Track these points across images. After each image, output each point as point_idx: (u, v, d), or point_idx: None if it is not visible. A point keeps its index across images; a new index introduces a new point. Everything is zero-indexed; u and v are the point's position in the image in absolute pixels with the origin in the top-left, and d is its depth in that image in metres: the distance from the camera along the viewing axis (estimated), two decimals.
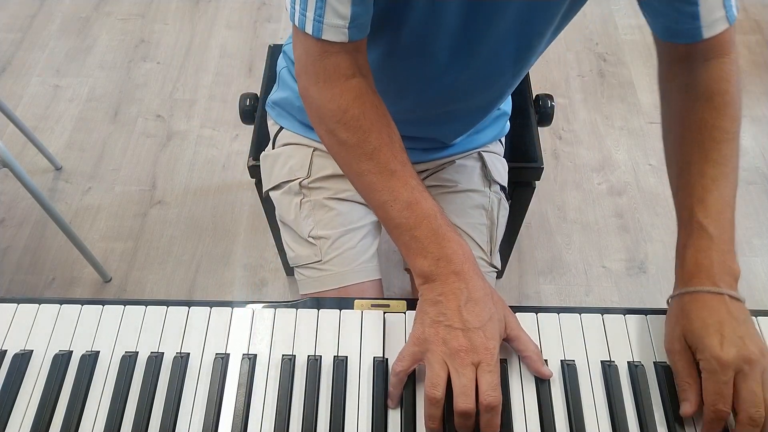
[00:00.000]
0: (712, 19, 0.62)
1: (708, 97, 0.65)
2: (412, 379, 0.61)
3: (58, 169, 1.78)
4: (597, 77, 2.02)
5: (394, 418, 0.59)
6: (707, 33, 0.63)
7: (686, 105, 0.67)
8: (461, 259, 0.60)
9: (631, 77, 2.02)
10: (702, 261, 0.61)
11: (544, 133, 1.85)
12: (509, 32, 0.68)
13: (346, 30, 0.60)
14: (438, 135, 0.89)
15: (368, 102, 0.64)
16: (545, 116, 1.16)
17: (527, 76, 1.22)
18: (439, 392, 0.56)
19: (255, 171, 1.07)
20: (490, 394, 0.55)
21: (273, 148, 0.97)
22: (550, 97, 1.16)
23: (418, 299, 0.63)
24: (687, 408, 0.58)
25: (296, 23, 0.61)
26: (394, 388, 0.59)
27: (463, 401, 0.55)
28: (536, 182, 1.13)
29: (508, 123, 1.00)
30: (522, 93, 1.17)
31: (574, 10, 0.70)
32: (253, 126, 1.15)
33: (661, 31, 0.67)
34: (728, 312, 0.58)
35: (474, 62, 0.72)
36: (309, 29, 0.60)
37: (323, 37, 0.60)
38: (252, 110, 1.15)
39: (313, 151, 0.91)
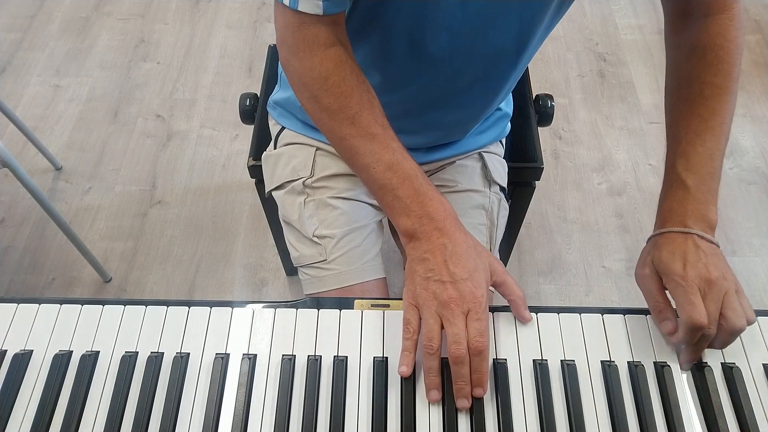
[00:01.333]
0: None
1: (701, 52, 0.66)
2: (412, 379, 0.61)
3: (58, 169, 1.78)
4: (597, 77, 2.02)
5: (394, 418, 0.59)
6: None
7: (680, 60, 0.68)
8: (443, 216, 0.63)
9: (631, 77, 2.02)
10: (676, 209, 0.64)
11: (544, 133, 1.85)
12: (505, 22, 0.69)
13: (320, 3, 0.62)
14: (441, 131, 0.88)
15: (348, 69, 0.66)
16: (545, 116, 1.16)
17: (527, 76, 1.22)
18: (435, 343, 0.59)
19: (255, 171, 1.07)
20: (478, 339, 0.58)
21: (275, 149, 0.96)
22: (550, 97, 1.16)
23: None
24: (669, 325, 0.61)
25: None
26: (408, 351, 0.61)
27: (456, 348, 0.58)
28: (536, 182, 1.13)
29: (509, 124, 1.00)
30: (522, 93, 1.17)
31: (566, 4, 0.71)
32: (253, 126, 1.15)
33: None
34: (695, 245, 0.62)
35: (472, 58, 0.73)
36: (286, 1, 0.63)
37: (299, 9, 0.62)
38: (252, 110, 1.15)
39: (316, 150, 0.91)
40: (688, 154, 0.65)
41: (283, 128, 0.95)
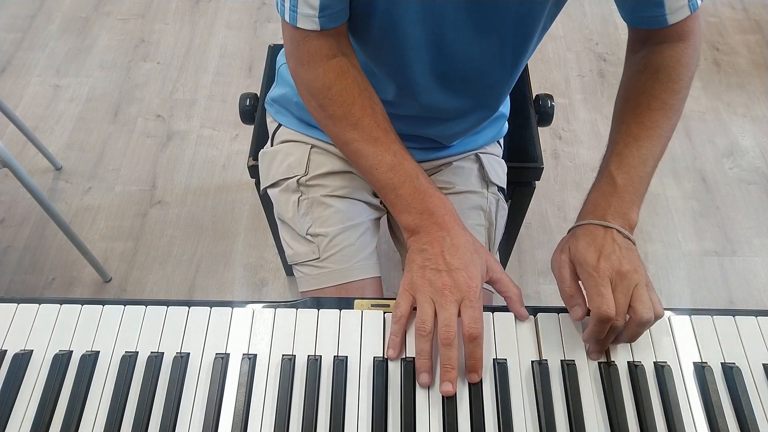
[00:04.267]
0: (676, 7, 0.67)
1: (654, 70, 0.71)
2: (412, 379, 0.61)
3: (58, 169, 1.78)
4: (597, 77, 2.02)
5: (394, 418, 0.59)
6: (672, 20, 0.68)
7: (634, 74, 0.73)
8: (442, 212, 0.67)
9: None
10: (600, 203, 0.67)
11: (544, 133, 1.85)
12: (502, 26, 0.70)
13: (317, 19, 0.65)
14: (437, 134, 0.89)
15: (350, 78, 0.70)
16: (545, 116, 1.16)
17: (527, 76, 1.22)
18: (428, 326, 0.61)
19: (255, 171, 1.07)
20: (472, 326, 0.60)
21: (272, 146, 0.97)
22: (550, 97, 1.16)
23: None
24: (578, 311, 0.64)
25: (278, 12, 0.68)
26: (395, 335, 0.63)
27: (446, 330, 0.60)
28: (536, 182, 1.13)
29: (507, 124, 1.00)
30: (522, 93, 1.17)
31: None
32: (253, 126, 1.15)
33: (629, 17, 0.71)
34: (612, 239, 0.64)
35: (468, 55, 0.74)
36: (287, 18, 0.67)
37: (298, 25, 0.67)
38: (252, 110, 1.15)
39: (311, 148, 0.91)
40: (623, 155, 0.68)
41: (279, 125, 0.96)
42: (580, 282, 0.65)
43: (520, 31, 0.72)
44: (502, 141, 1.01)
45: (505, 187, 0.97)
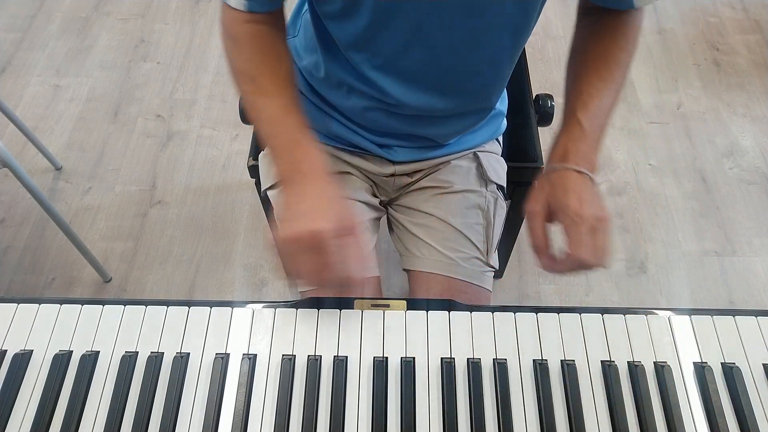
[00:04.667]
0: None
1: (612, 30, 0.76)
2: (412, 379, 0.61)
3: (58, 169, 1.78)
4: None
5: (394, 418, 0.59)
6: (638, 3, 0.74)
7: (591, 31, 0.78)
8: (309, 165, 0.69)
9: (631, 77, 2.01)
10: (571, 148, 0.71)
11: (544, 133, 1.84)
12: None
13: (245, 1, 0.70)
14: (433, 134, 0.88)
15: (263, 41, 0.73)
16: (545, 116, 1.16)
17: (527, 76, 1.21)
18: (302, 274, 0.63)
19: (255, 171, 1.07)
20: (338, 266, 0.62)
21: None
22: (550, 96, 1.16)
23: (417, 299, 0.63)
24: (547, 263, 0.67)
25: None
26: (270, 253, 0.67)
27: (322, 277, 0.62)
28: (536, 182, 1.13)
29: (505, 121, 0.99)
30: (522, 93, 1.17)
31: None
32: (253, 126, 1.15)
33: None
34: (587, 185, 0.69)
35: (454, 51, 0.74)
36: None
37: (229, 4, 0.71)
38: None
39: None
40: (588, 105, 0.73)
41: None
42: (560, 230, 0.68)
43: (515, 28, 0.72)
44: (501, 139, 1.01)
45: (504, 185, 0.97)
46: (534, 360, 0.63)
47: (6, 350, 0.63)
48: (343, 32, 0.73)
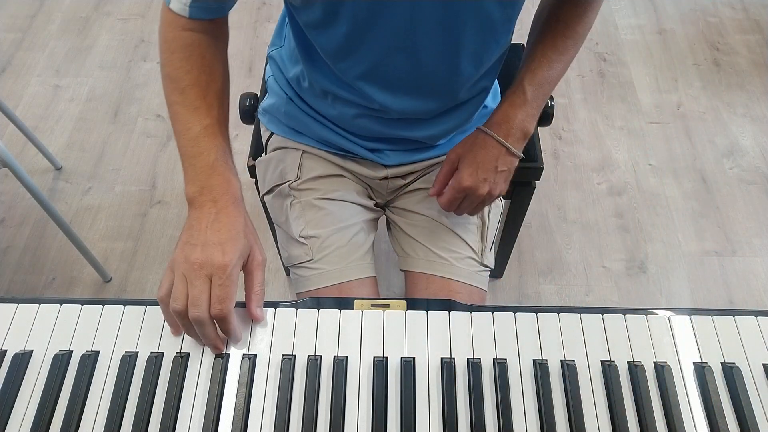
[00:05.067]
0: None
1: (573, 5, 0.78)
2: (412, 380, 0.61)
3: (58, 169, 1.78)
4: (597, 77, 2.02)
5: (394, 418, 0.59)
6: None
7: (554, 8, 0.80)
8: (221, 192, 0.67)
9: (631, 77, 2.01)
10: (509, 114, 0.77)
11: (544, 133, 1.84)
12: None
13: (187, 8, 0.69)
14: (421, 136, 0.88)
15: (197, 52, 0.72)
16: (545, 116, 1.16)
17: None
18: (178, 304, 0.61)
19: (255, 171, 1.07)
20: (216, 305, 0.61)
21: (265, 154, 0.98)
22: (550, 97, 1.16)
23: (417, 299, 0.63)
24: (433, 190, 0.81)
25: None
26: (166, 314, 0.64)
27: (193, 310, 0.61)
28: (536, 182, 1.13)
29: None
30: None
31: None
32: (253, 126, 1.15)
33: None
34: (495, 159, 0.78)
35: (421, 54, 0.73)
36: None
37: (170, 7, 0.70)
38: (252, 110, 1.15)
39: (302, 153, 0.92)
40: (536, 73, 0.77)
41: (272, 134, 0.97)
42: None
43: (493, 27, 0.71)
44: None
45: None
46: (534, 360, 0.63)
47: (6, 350, 0.63)
48: (324, 41, 0.72)
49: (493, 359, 0.63)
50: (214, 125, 0.71)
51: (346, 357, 0.63)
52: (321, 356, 0.63)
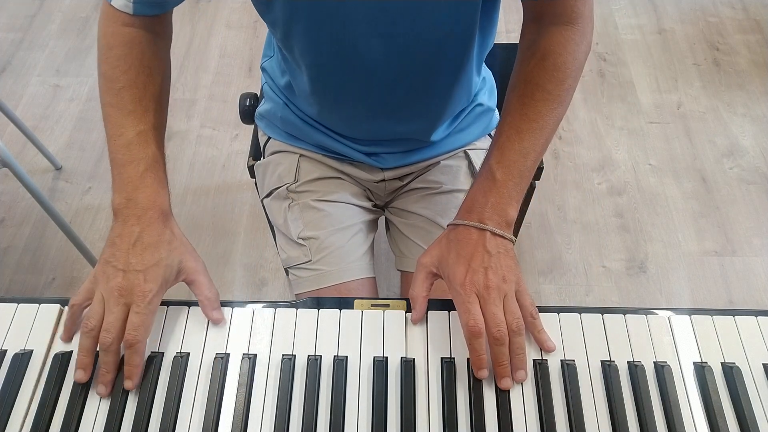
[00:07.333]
0: None
1: (542, 57, 0.68)
2: (412, 380, 0.61)
3: (58, 169, 1.78)
4: (597, 77, 2.02)
5: (394, 418, 0.59)
6: (578, 11, 0.67)
7: (524, 61, 0.70)
8: (147, 205, 0.64)
9: (631, 77, 2.02)
10: (479, 199, 0.67)
11: None
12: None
13: (131, 4, 0.67)
14: (414, 131, 0.87)
15: (136, 50, 0.69)
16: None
17: None
18: (91, 323, 0.61)
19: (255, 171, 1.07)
20: (130, 332, 0.60)
21: (263, 158, 0.99)
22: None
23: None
24: (415, 316, 0.65)
25: None
26: (69, 321, 0.63)
27: (104, 335, 0.60)
28: (536, 182, 1.13)
29: (497, 116, 0.97)
30: None
31: None
32: (253, 126, 1.15)
33: None
34: (483, 246, 0.64)
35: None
36: None
37: (112, 4, 0.68)
38: (252, 110, 1.15)
39: (300, 156, 0.92)
40: (504, 149, 0.68)
41: (269, 138, 0.97)
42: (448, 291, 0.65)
43: (457, 29, 0.69)
44: (493, 134, 0.99)
45: None
46: (534, 360, 0.63)
47: (6, 350, 0.63)
48: (292, 46, 0.72)
49: None
50: (149, 131, 0.68)
51: (346, 357, 0.63)
52: (321, 356, 0.63)
